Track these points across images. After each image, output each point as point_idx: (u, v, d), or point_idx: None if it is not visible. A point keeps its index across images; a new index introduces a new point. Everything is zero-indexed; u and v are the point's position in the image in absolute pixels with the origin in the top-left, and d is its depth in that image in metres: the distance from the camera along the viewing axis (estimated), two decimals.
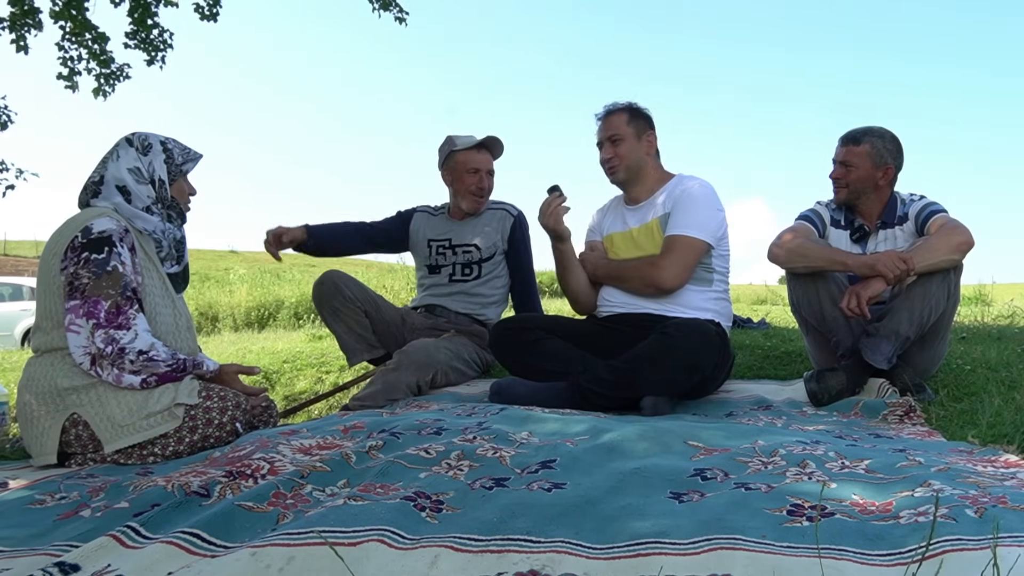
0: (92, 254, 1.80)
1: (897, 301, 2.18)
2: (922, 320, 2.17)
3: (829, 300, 2.29)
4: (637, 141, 2.48)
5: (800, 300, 2.38)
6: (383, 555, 1.00)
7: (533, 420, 1.76)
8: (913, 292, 2.16)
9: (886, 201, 2.44)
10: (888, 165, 2.40)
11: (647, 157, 2.50)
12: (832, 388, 2.20)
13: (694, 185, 2.43)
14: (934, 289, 2.15)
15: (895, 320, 2.17)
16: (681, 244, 2.35)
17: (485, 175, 2.87)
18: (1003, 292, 6.96)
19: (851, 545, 0.98)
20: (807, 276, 2.32)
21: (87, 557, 1.02)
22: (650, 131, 2.51)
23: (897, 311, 2.17)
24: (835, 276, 2.32)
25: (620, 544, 1.02)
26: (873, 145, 2.39)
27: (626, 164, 2.48)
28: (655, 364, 2.11)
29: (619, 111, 2.49)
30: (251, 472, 1.38)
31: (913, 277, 2.15)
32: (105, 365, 1.80)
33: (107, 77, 6.48)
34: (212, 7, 6.47)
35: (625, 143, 2.46)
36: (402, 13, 6.73)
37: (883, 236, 2.44)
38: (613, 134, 2.47)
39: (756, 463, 1.39)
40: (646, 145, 2.49)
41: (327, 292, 2.78)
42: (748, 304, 7.33)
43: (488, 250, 2.90)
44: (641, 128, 2.48)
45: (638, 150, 2.48)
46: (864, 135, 2.41)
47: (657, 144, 2.53)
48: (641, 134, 2.48)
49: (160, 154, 2.00)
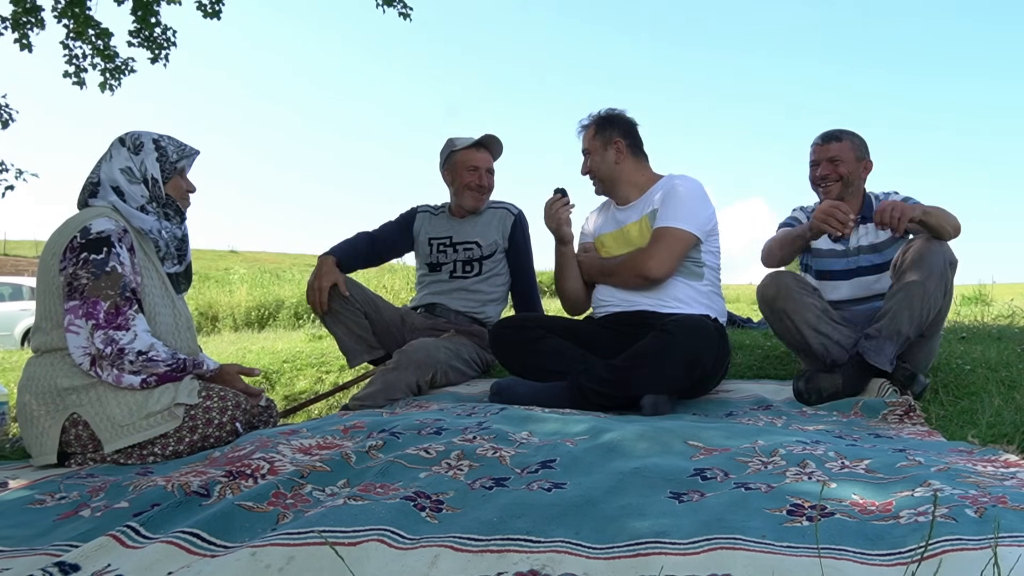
0: (91, 255, 1.80)
1: (895, 302, 2.18)
2: (922, 319, 2.18)
3: (807, 327, 2.30)
4: (604, 151, 2.53)
5: (783, 335, 2.42)
6: (383, 555, 1.00)
7: (533, 420, 1.76)
8: (912, 291, 2.16)
9: (862, 197, 2.52)
10: (867, 159, 2.49)
11: (617, 164, 2.54)
12: (824, 390, 2.21)
13: (682, 182, 2.47)
14: (932, 288, 2.15)
15: (897, 320, 2.17)
16: (667, 235, 2.37)
17: (484, 172, 2.88)
18: (1003, 292, 6.97)
19: (851, 545, 0.98)
20: (778, 310, 2.33)
21: (87, 557, 1.02)
22: (618, 138, 2.52)
23: (897, 311, 2.17)
24: (803, 297, 2.31)
25: (620, 544, 1.02)
26: (852, 141, 2.48)
27: (598, 176, 2.57)
28: (655, 362, 2.11)
29: (587, 126, 2.58)
30: (251, 472, 1.38)
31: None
32: (105, 366, 1.80)
33: (112, 72, 6.48)
34: (215, 4, 6.44)
35: (593, 156, 2.55)
36: (406, 9, 6.71)
37: (863, 231, 2.49)
38: (584, 149, 2.57)
39: (756, 463, 1.39)
40: (614, 153, 2.53)
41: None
42: (748, 304, 7.33)
43: (489, 247, 2.90)
44: (607, 138, 2.53)
45: (607, 160, 2.53)
46: (841, 133, 2.49)
47: (631, 147, 2.54)
48: (608, 144, 2.52)
49: (152, 152, 1.98)
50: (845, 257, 2.52)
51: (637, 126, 2.58)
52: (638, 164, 2.56)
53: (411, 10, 6.71)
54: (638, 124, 2.58)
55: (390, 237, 2.99)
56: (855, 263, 2.50)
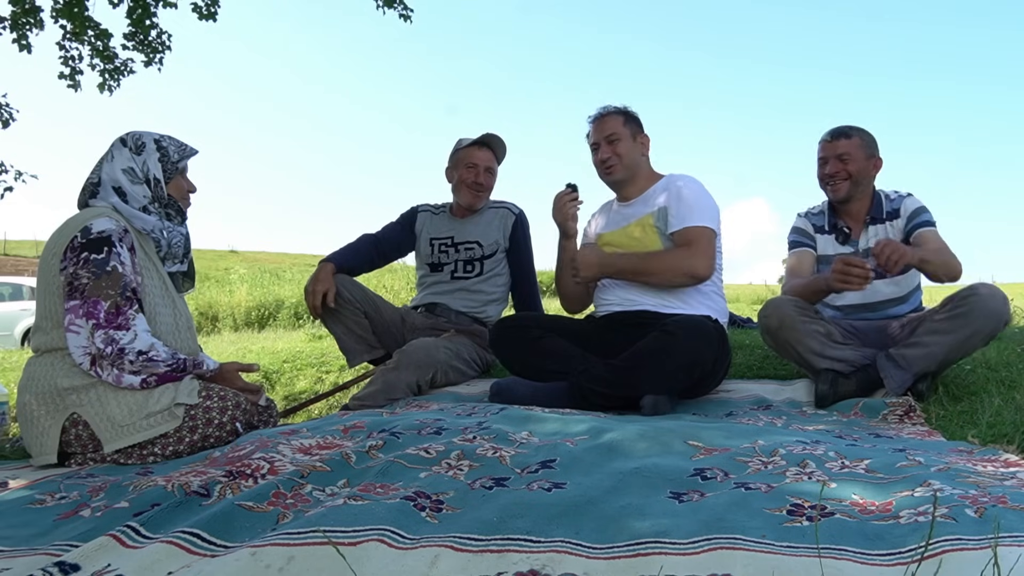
0: (91, 254, 1.80)
1: (937, 343, 2.12)
2: (950, 360, 2.18)
3: (812, 354, 2.28)
4: (633, 141, 2.52)
5: (788, 359, 2.42)
6: (383, 555, 1.00)
7: (533, 420, 1.76)
8: (958, 342, 2.10)
9: (871, 197, 2.46)
10: (877, 156, 2.43)
11: (642, 158, 2.56)
12: (843, 396, 2.20)
13: (689, 182, 2.47)
14: (977, 343, 2.13)
15: (928, 361, 2.13)
16: (702, 235, 2.36)
17: (483, 170, 2.88)
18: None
19: (851, 545, 0.98)
20: (782, 340, 2.33)
21: (87, 557, 1.02)
22: (643, 133, 2.56)
23: (933, 354, 2.13)
24: (806, 326, 2.29)
25: (620, 544, 1.02)
26: (862, 138, 2.42)
27: (625, 163, 2.51)
28: (655, 362, 2.11)
29: (614, 112, 2.55)
30: (251, 472, 1.38)
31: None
32: (105, 365, 1.80)
33: (111, 73, 6.45)
34: (210, 6, 6.41)
35: (623, 143, 2.50)
36: (407, 10, 6.67)
37: (873, 232, 2.43)
38: (611, 134, 2.50)
39: (756, 463, 1.39)
40: (640, 146, 2.55)
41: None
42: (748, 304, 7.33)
43: (490, 247, 2.90)
44: (635, 129, 2.54)
45: (635, 150, 2.53)
46: (850, 129, 2.43)
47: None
48: (636, 135, 2.54)
49: (154, 153, 1.98)
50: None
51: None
52: (648, 163, 2.60)
53: (412, 11, 6.68)
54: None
55: (394, 238, 2.99)
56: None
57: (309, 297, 2.73)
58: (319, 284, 2.72)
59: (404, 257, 3.16)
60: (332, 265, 2.78)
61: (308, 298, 2.74)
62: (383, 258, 3.02)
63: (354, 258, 2.88)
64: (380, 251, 2.96)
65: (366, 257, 2.92)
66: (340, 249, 2.88)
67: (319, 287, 2.71)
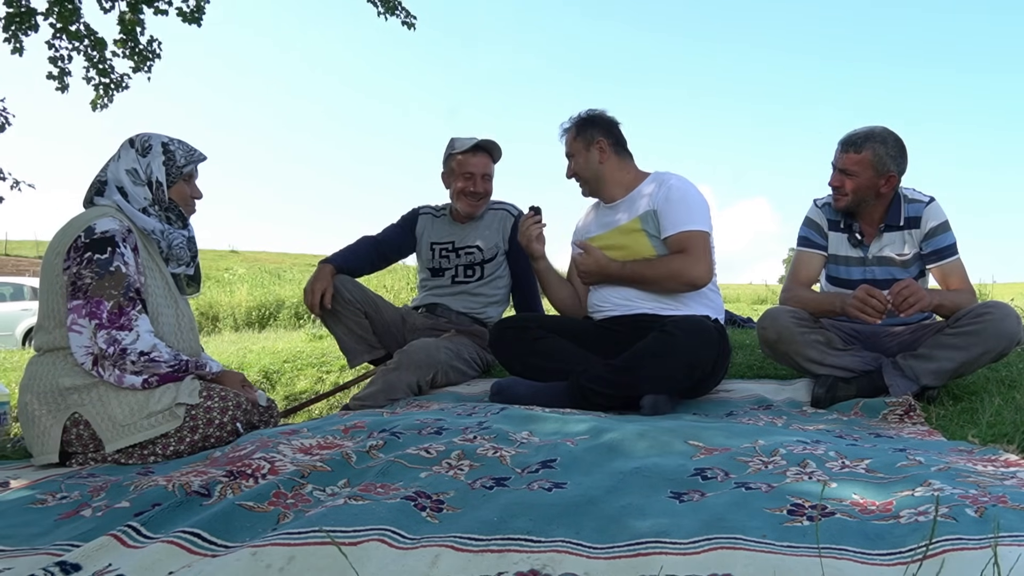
0: (95, 254, 1.80)
1: (948, 356, 2.11)
2: (958, 375, 2.17)
3: (811, 363, 2.27)
4: (588, 152, 2.52)
5: (786, 365, 2.41)
6: (383, 555, 1.00)
7: (533, 420, 1.76)
8: (970, 357, 2.09)
9: (888, 204, 2.34)
10: (891, 173, 2.26)
11: (601, 164, 2.53)
12: (840, 400, 2.19)
13: (677, 180, 2.45)
14: (987, 360, 2.12)
15: (937, 375, 2.13)
16: (698, 239, 2.36)
17: (480, 179, 2.86)
18: (1003, 292, 6.96)
19: (851, 545, 0.98)
20: (780, 352, 2.33)
21: (88, 556, 1.02)
22: (600, 138, 2.51)
23: (944, 369, 2.12)
24: (804, 336, 2.28)
25: (620, 544, 1.02)
26: (875, 152, 2.25)
27: (583, 177, 2.56)
28: (655, 362, 2.11)
29: (568, 129, 2.57)
30: (252, 472, 1.38)
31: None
32: (107, 365, 1.80)
33: (106, 87, 6.30)
34: (195, 12, 6.29)
35: (577, 158, 2.54)
36: (409, 18, 6.52)
37: (888, 239, 2.35)
38: (567, 152, 2.56)
39: (756, 463, 1.39)
40: (597, 153, 2.52)
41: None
42: (748, 304, 7.33)
43: (490, 251, 2.90)
44: (589, 139, 2.52)
45: (591, 161, 2.52)
46: (865, 140, 2.27)
47: (614, 145, 2.53)
48: (590, 144, 2.52)
49: (159, 156, 1.98)
50: (862, 265, 2.40)
51: (619, 125, 2.56)
52: (622, 163, 2.55)
53: (415, 19, 6.56)
54: (620, 123, 2.57)
55: (395, 240, 2.99)
56: (871, 273, 2.38)
57: (308, 296, 2.74)
58: (318, 284, 2.72)
59: (405, 258, 3.16)
60: (332, 266, 2.78)
61: (307, 297, 2.75)
62: (383, 260, 3.02)
63: (354, 259, 2.88)
64: (380, 253, 2.96)
65: (366, 259, 2.93)
66: (340, 250, 2.88)
67: (318, 286, 2.72)
